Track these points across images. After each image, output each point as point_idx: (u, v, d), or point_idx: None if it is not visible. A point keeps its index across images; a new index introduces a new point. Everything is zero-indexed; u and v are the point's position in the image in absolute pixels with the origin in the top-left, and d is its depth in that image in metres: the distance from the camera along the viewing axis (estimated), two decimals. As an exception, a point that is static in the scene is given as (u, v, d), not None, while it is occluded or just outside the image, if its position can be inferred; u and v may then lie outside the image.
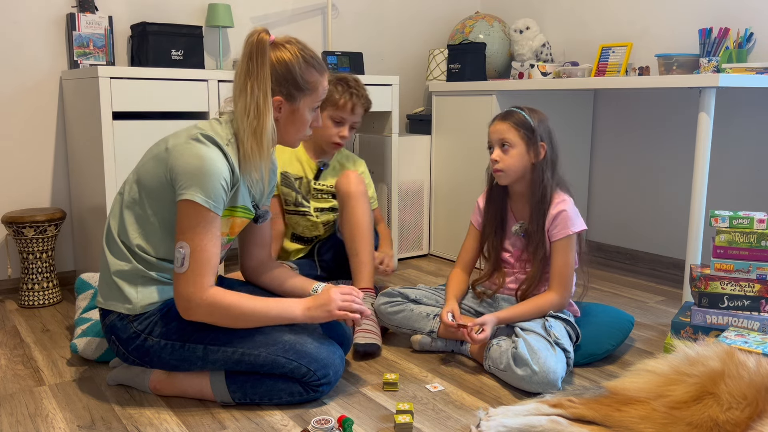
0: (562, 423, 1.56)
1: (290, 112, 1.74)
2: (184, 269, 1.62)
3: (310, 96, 1.74)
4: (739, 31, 2.74)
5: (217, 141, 1.66)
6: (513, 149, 2.01)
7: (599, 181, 3.50)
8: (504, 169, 2.03)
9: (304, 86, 1.72)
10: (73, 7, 2.79)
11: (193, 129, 1.69)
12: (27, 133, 2.79)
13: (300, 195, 2.55)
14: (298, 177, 2.55)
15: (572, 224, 2.02)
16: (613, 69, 3.01)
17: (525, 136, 2.01)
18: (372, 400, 1.80)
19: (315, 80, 1.73)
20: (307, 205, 2.56)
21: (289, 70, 1.69)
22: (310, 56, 1.73)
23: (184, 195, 1.61)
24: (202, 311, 1.64)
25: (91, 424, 1.67)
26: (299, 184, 2.55)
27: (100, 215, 2.52)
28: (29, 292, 2.63)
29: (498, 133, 2.03)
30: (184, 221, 1.62)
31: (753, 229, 2.02)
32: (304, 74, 1.71)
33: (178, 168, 1.63)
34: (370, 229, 2.34)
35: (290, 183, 2.55)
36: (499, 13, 3.79)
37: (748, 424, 1.37)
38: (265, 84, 1.67)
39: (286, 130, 1.77)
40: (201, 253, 1.62)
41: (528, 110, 2.05)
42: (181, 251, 1.62)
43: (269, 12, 3.32)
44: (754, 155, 2.85)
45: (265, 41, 1.67)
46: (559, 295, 2.01)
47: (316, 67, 1.73)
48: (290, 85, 1.70)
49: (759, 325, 2.01)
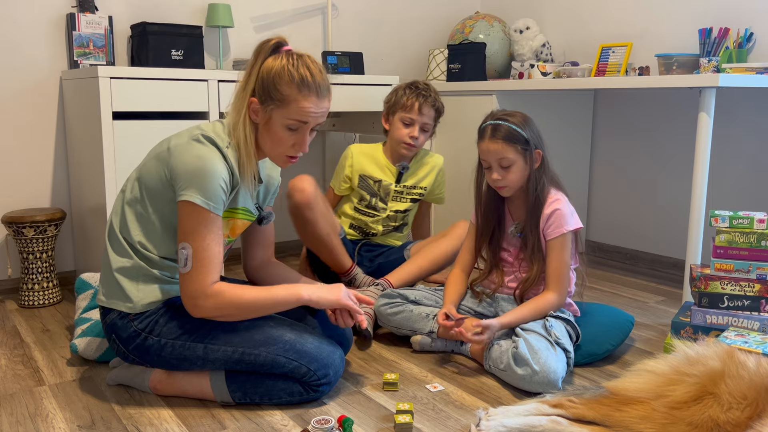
0: (562, 423, 1.56)
1: (265, 121, 1.71)
2: (188, 269, 1.62)
3: (280, 108, 1.68)
4: (739, 31, 2.74)
5: (217, 142, 1.66)
6: (513, 166, 2.00)
7: (599, 180, 3.50)
8: (507, 185, 2.03)
9: (275, 95, 1.67)
10: (73, 7, 2.79)
11: (195, 129, 1.70)
12: (27, 133, 2.79)
13: (377, 198, 2.64)
14: (377, 180, 2.62)
15: (566, 222, 2.01)
16: (613, 69, 3.01)
17: (521, 150, 2.00)
18: (372, 400, 1.80)
19: (289, 94, 1.67)
20: (384, 206, 2.64)
21: (270, 76, 1.68)
22: (301, 75, 1.67)
23: (183, 196, 1.62)
24: (209, 306, 1.64)
25: (91, 424, 1.67)
26: (378, 186, 2.63)
27: (100, 215, 2.52)
28: (29, 292, 2.63)
29: (495, 153, 2.00)
30: (185, 222, 1.63)
31: (753, 229, 2.02)
32: (280, 84, 1.67)
33: (178, 168, 1.63)
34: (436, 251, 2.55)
35: (368, 186, 2.63)
36: (499, 13, 3.79)
37: (748, 424, 1.37)
38: (251, 82, 1.70)
39: (263, 140, 1.74)
40: (203, 253, 1.62)
41: (511, 118, 2.02)
42: (184, 252, 1.63)
43: (269, 12, 3.32)
44: (754, 155, 2.85)
45: (268, 45, 1.70)
46: (557, 294, 2.01)
47: (298, 84, 1.67)
48: (265, 90, 1.69)
49: (759, 325, 2.01)
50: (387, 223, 2.68)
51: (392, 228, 2.71)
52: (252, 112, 1.71)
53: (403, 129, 2.58)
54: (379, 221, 2.66)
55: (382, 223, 2.67)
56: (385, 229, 2.68)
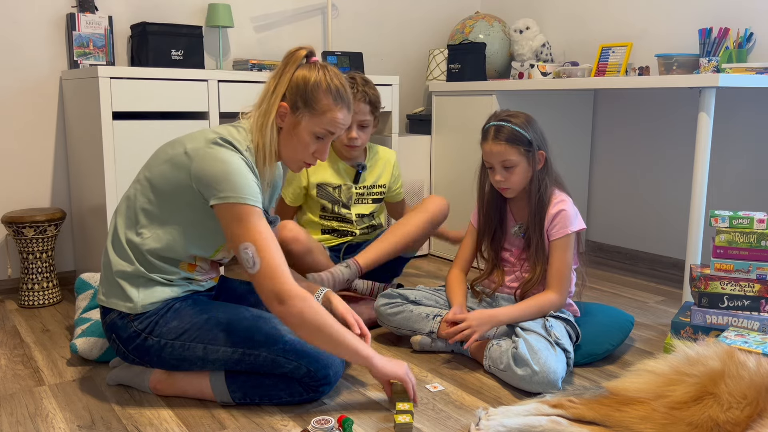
0: (562, 423, 1.56)
1: (292, 126, 1.73)
2: (257, 268, 1.59)
3: (313, 116, 1.72)
4: (739, 31, 2.74)
5: (236, 146, 1.66)
6: (516, 167, 2.01)
7: (599, 180, 3.50)
8: (510, 186, 2.03)
9: (311, 102, 1.71)
10: (73, 7, 2.79)
11: (210, 133, 1.68)
12: (27, 133, 2.79)
13: (339, 204, 2.51)
14: (336, 186, 2.51)
15: (571, 223, 2.02)
16: (613, 69, 3.01)
17: (524, 152, 2.00)
18: (372, 400, 1.80)
19: (324, 104, 1.71)
20: (348, 212, 2.53)
21: (305, 83, 1.71)
22: (336, 86, 1.72)
23: (221, 200, 1.60)
24: (296, 311, 1.59)
25: (91, 424, 1.67)
26: (338, 192, 2.51)
27: (100, 215, 2.52)
28: (29, 292, 2.63)
29: (498, 155, 2.00)
30: (232, 225, 1.61)
31: (753, 229, 2.02)
32: (316, 93, 1.71)
33: (206, 174, 1.62)
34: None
35: (327, 194, 2.50)
36: (499, 13, 3.79)
37: (747, 424, 1.37)
38: (281, 87, 1.72)
39: (285, 144, 1.75)
40: (267, 247, 1.60)
41: (514, 119, 2.02)
42: (248, 252, 1.59)
43: (269, 12, 3.32)
44: (754, 155, 2.85)
45: (300, 54, 1.73)
46: (558, 294, 2.01)
47: (334, 96, 1.72)
48: (298, 96, 1.71)
49: (759, 325, 2.01)
50: (360, 225, 2.57)
51: (367, 227, 2.59)
52: (279, 116, 1.72)
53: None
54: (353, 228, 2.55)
55: (357, 225, 2.56)
56: (361, 231, 2.58)
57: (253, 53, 3.28)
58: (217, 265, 1.89)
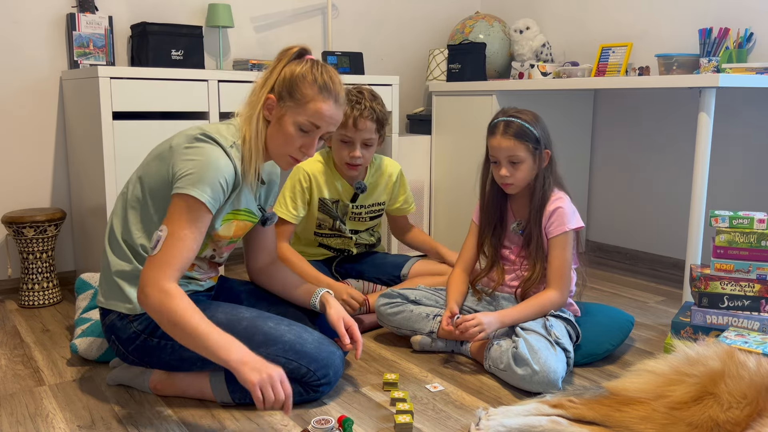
0: (562, 423, 1.56)
1: (278, 118, 1.72)
2: (155, 252, 1.56)
3: (296, 107, 1.69)
4: (739, 31, 2.74)
5: (219, 141, 1.66)
6: (522, 164, 2.01)
7: (599, 180, 3.50)
8: (514, 182, 2.03)
9: (294, 93, 1.69)
10: (73, 7, 2.79)
11: (196, 130, 1.69)
12: (27, 133, 2.79)
13: (338, 220, 2.42)
14: (335, 200, 2.41)
15: (568, 221, 2.02)
16: (613, 69, 3.01)
17: (532, 149, 2.00)
18: (372, 400, 1.80)
19: (308, 94, 1.69)
20: (344, 227, 2.45)
21: (292, 76, 1.70)
22: (324, 80, 1.70)
23: (179, 189, 1.59)
24: (154, 302, 1.52)
25: (91, 424, 1.67)
26: (336, 207, 2.41)
27: (100, 215, 2.52)
28: (29, 292, 2.63)
29: (505, 150, 2.00)
30: (173, 210, 1.59)
31: (753, 229, 2.02)
32: (302, 84, 1.69)
33: (179, 165, 1.62)
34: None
35: (327, 209, 2.40)
36: (499, 13, 3.79)
37: (747, 423, 1.37)
38: (270, 80, 1.72)
39: (272, 137, 1.74)
40: (177, 242, 1.56)
41: (522, 116, 2.02)
42: (159, 234, 1.57)
43: (269, 12, 3.32)
44: (754, 155, 2.85)
45: (292, 51, 1.74)
46: (559, 292, 2.01)
47: (320, 87, 1.69)
48: (284, 88, 1.70)
49: (759, 325, 2.01)
50: (358, 241, 2.50)
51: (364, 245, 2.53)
52: (266, 107, 1.72)
53: (342, 149, 2.29)
54: (350, 243, 2.48)
55: (355, 243, 2.49)
56: (358, 247, 2.52)
57: (253, 53, 3.28)
58: (216, 264, 1.89)
